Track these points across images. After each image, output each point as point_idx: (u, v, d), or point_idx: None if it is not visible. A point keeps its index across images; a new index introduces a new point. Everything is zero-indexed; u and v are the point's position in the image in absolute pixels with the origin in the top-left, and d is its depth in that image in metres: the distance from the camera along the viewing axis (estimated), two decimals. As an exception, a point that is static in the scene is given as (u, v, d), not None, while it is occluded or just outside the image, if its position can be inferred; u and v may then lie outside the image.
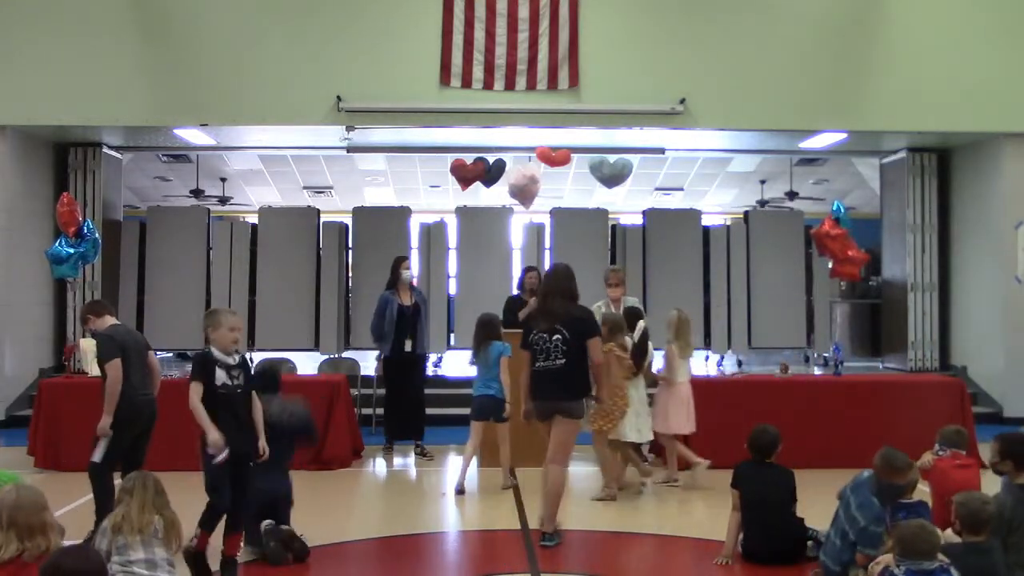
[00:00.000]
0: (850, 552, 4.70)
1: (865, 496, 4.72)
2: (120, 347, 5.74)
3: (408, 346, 8.60)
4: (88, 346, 8.66)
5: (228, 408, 4.97)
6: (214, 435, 4.85)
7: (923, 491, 5.15)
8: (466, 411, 8.96)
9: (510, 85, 10.21)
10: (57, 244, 9.43)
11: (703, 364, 12.76)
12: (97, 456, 5.69)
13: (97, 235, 9.53)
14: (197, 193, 16.50)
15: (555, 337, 5.76)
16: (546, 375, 5.77)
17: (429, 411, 9.15)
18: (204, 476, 4.96)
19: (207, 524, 4.96)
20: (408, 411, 8.72)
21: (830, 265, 10.69)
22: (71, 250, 9.15)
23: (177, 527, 4.22)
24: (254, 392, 5.16)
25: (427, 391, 9.27)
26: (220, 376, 4.98)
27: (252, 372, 5.24)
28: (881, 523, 4.63)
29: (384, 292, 8.71)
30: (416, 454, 8.62)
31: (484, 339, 7.54)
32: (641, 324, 7.40)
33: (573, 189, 16.76)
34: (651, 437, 7.39)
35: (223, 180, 17.26)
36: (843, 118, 10.62)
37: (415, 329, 8.62)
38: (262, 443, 5.06)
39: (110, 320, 6.00)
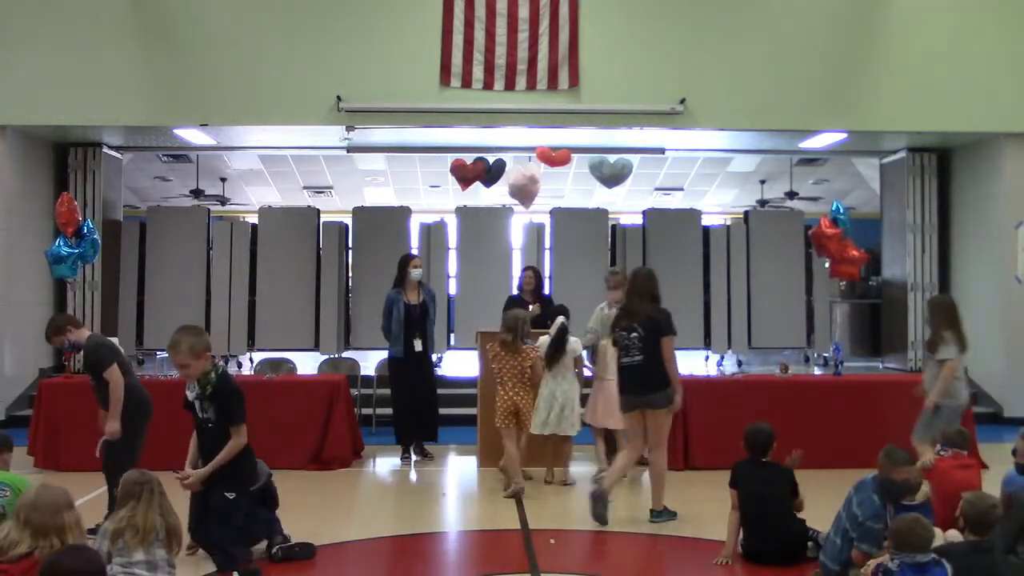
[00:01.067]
0: (850, 551, 4.70)
1: (866, 493, 4.74)
2: (112, 350, 5.82)
3: (418, 345, 8.40)
4: (88, 346, 8.67)
5: (199, 441, 4.87)
6: (185, 468, 4.82)
7: (923, 491, 5.13)
8: (466, 411, 9.01)
9: (510, 85, 10.20)
10: (56, 244, 9.43)
11: (703, 364, 12.76)
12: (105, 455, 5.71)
13: (97, 236, 9.52)
14: (197, 193, 16.50)
15: (633, 335, 6.26)
16: (628, 370, 6.31)
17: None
18: None
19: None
20: (421, 411, 8.53)
21: (827, 265, 10.68)
22: (70, 250, 9.14)
23: (179, 533, 4.22)
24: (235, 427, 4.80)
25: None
26: (196, 407, 4.87)
27: (228, 404, 4.83)
28: (880, 520, 4.64)
29: (390, 291, 8.51)
30: (415, 454, 8.59)
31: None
32: (559, 320, 7.44)
33: (573, 189, 16.76)
34: (556, 432, 7.31)
35: (223, 180, 17.26)
36: (843, 118, 10.61)
37: (423, 328, 8.47)
38: (196, 474, 4.80)
39: (86, 332, 6.10)
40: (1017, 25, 10.55)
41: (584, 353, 7.65)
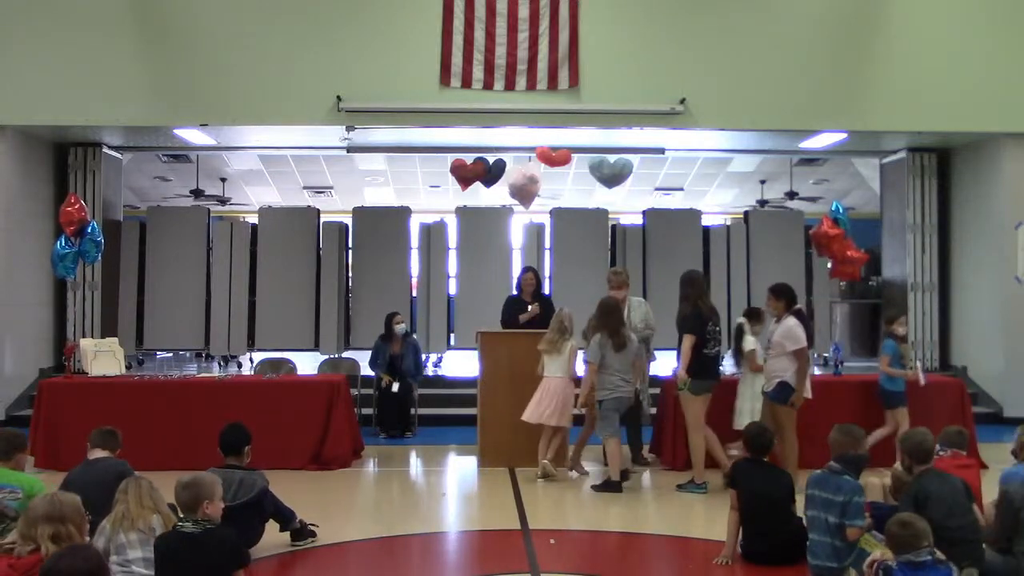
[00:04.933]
0: (848, 548, 4.74)
1: (834, 481, 4.86)
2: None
3: (395, 387, 9.59)
4: (88, 346, 8.67)
5: None
6: None
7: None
8: (466, 411, 9.06)
9: (510, 85, 10.20)
10: (59, 242, 9.41)
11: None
12: None
13: (99, 237, 9.42)
14: (197, 193, 16.51)
15: (717, 328, 7.29)
16: (715, 360, 7.31)
17: (428, 411, 9.90)
18: None
19: None
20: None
21: (829, 265, 10.68)
22: (68, 249, 9.10)
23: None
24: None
25: (427, 391, 10.12)
26: None
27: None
28: (860, 493, 4.81)
29: (377, 340, 9.93)
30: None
31: None
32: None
33: (573, 189, 16.76)
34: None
35: (223, 180, 17.26)
36: (843, 118, 10.60)
37: (400, 370, 9.72)
38: None
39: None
40: (1017, 25, 10.55)
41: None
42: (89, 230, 9.27)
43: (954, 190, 11.87)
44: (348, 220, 12.66)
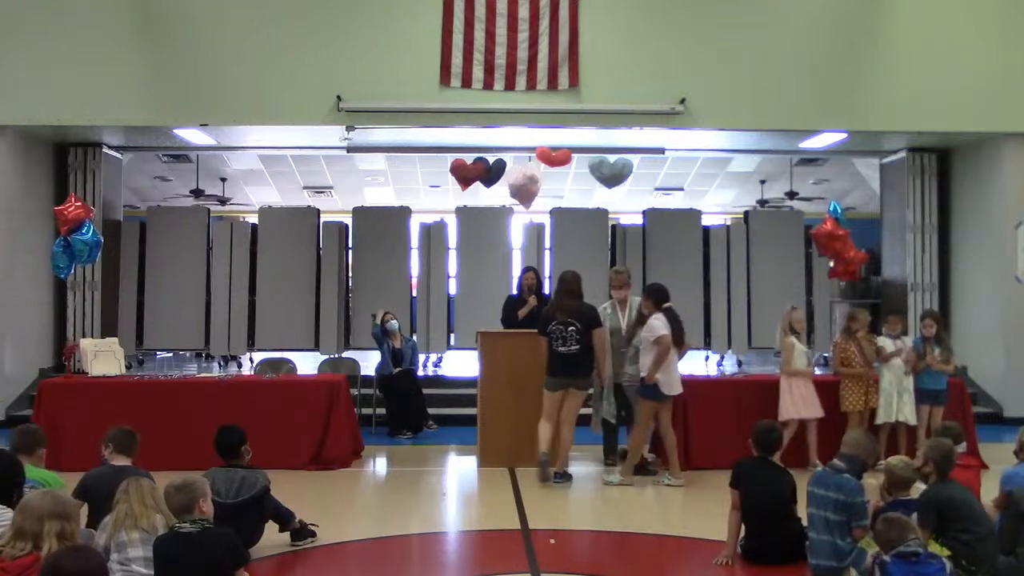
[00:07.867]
0: (848, 547, 4.74)
1: (834, 479, 4.88)
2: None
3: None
4: (88, 346, 8.67)
5: None
6: None
7: (917, 488, 5.13)
8: (466, 411, 9.06)
9: (510, 85, 10.20)
10: (56, 242, 9.40)
11: (703, 364, 12.77)
12: None
13: (91, 236, 9.32)
14: (197, 193, 16.51)
15: (570, 328, 7.22)
16: (564, 357, 7.26)
17: (428, 411, 9.84)
18: None
19: None
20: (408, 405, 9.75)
21: (831, 264, 10.68)
22: (59, 249, 9.08)
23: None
24: None
25: (427, 391, 10.00)
26: None
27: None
28: (862, 493, 4.83)
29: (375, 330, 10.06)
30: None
31: None
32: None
33: (573, 189, 16.76)
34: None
35: (223, 180, 17.27)
36: (843, 118, 10.60)
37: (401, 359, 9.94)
38: None
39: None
40: (1016, 25, 10.54)
41: None
42: (83, 230, 9.23)
43: (954, 190, 11.86)
44: (348, 220, 12.66)
